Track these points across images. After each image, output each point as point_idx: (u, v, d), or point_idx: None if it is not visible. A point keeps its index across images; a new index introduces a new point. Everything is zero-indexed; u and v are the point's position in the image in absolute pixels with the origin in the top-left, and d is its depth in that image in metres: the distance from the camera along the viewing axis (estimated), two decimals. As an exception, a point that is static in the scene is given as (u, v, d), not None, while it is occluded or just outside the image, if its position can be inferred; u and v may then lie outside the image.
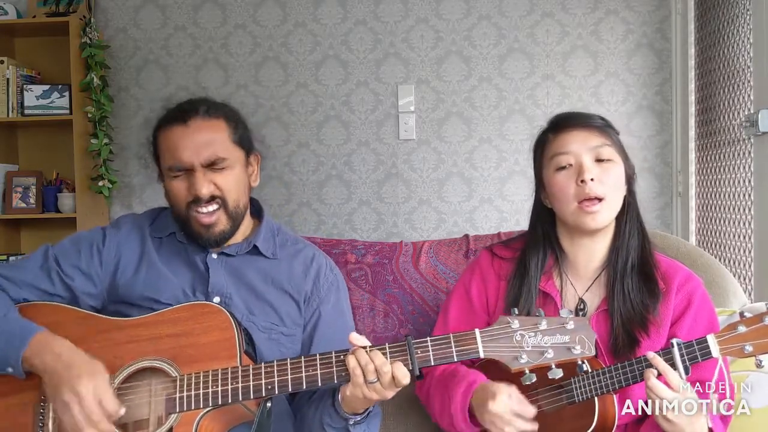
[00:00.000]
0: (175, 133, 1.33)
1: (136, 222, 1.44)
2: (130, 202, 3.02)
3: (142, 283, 1.34)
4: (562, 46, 2.84)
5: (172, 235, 1.41)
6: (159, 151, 1.38)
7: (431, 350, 1.13)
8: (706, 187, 2.55)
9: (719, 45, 2.41)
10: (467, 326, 1.42)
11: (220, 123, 1.37)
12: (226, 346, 1.19)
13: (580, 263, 1.38)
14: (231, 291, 1.36)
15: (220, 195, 1.33)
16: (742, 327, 1.14)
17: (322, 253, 1.48)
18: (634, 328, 1.29)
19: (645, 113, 2.82)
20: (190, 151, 1.31)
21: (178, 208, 1.36)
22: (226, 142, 1.35)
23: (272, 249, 1.42)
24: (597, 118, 1.37)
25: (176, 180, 1.34)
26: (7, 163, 2.96)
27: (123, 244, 1.39)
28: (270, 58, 2.94)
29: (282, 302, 1.39)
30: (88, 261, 1.35)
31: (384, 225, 2.94)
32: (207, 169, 1.32)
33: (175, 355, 1.19)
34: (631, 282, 1.33)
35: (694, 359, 1.16)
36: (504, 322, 1.11)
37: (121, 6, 2.98)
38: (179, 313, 1.23)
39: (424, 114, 2.90)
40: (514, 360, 1.09)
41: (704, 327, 1.31)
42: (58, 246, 1.37)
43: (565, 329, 1.09)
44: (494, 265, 1.44)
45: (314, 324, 1.40)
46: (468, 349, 1.11)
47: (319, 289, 1.42)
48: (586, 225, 1.31)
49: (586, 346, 1.08)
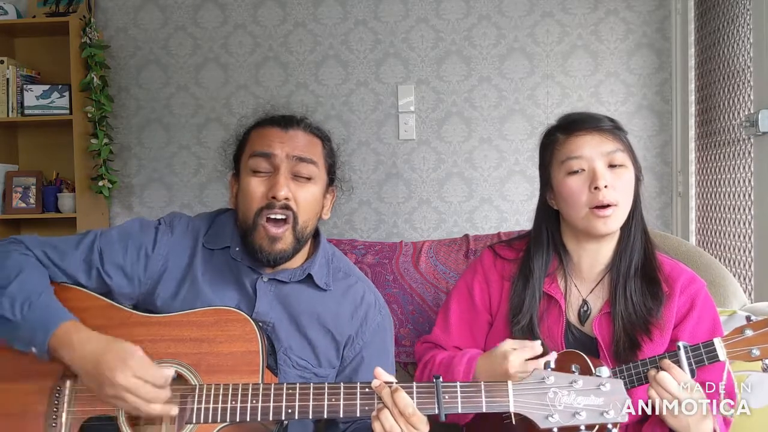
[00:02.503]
0: (272, 132, 1.31)
1: (192, 227, 1.37)
2: (130, 202, 3.02)
3: (180, 301, 1.30)
4: (562, 46, 2.84)
5: (226, 249, 1.34)
6: (245, 146, 1.33)
7: (460, 396, 1.08)
8: (706, 187, 2.55)
9: (719, 45, 2.41)
10: (469, 326, 1.43)
11: (317, 141, 1.35)
12: (249, 360, 1.17)
13: (584, 266, 1.37)
14: (274, 320, 1.31)
15: (294, 208, 1.27)
16: (749, 331, 1.14)
17: (373, 290, 1.43)
18: (637, 332, 1.29)
19: (645, 113, 2.82)
20: (282, 144, 1.29)
21: (248, 213, 1.28)
22: (319, 157, 1.33)
23: (325, 279, 1.36)
24: (607, 120, 1.34)
25: (255, 178, 1.28)
26: (7, 163, 2.96)
27: (172, 252, 1.32)
28: (270, 58, 2.94)
29: (323, 342, 1.34)
30: (134, 263, 1.30)
31: (384, 225, 2.94)
32: (291, 177, 1.28)
33: (196, 361, 1.17)
34: (634, 285, 1.32)
35: (701, 362, 1.16)
36: (538, 377, 1.07)
37: (121, 6, 2.98)
38: (205, 316, 1.20)
39: (424, 114, 2.90)
40: (545, 419, 1.05)
41: (707, 329, 1.31)
42: (106, 237, 1.31)
43: (600, 391, 1.05)
44: (497, 265, 1.43)
45: (355, 367, 1.36)
46: (498, 401, 1.06)
47: (365, 332, 1.37)
48: (597, 230, 1.29)
49: (618, 413, 1.04)
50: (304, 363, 1.32)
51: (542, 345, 1.19)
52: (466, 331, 1.43)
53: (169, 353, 1.18)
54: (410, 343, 1.79)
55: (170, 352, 1.18)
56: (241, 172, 1.32)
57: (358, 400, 1.10)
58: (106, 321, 1.21)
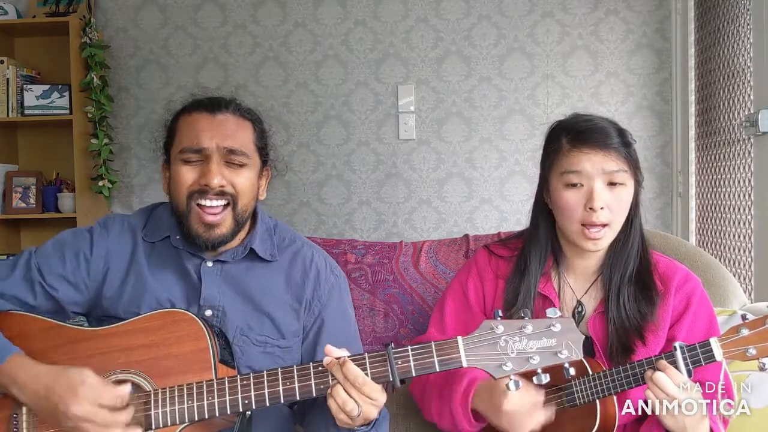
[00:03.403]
0: (200, 119, 1.28)
1: (128, 224, 1.36)
2: (130, 202, 3.02)
3: (127, 296, 1.28)
4: (562, 46, 2.84)
5: (167, 239, 1.33)
6: (175, 135, 1.31)
7: (412, 360, 1.08)
8: (706, 187, 2.55)
9: (719, 45, 2.41)
10: (464, 325, 1.42)
11: (247, 124, 1.33)
12: (200, 358, 1.15)
13: (578, 267, 1.37)
14: (225, 303, 1.30)
15: (233, 193, 1.26)
16: (745, 330, 1.14)
17: (321, 252, 1.42)
18: (630, 337, 1.29)
19: (645, 113, 2.82)
20: (211, 135, 1.26)
21: (179, 198, 1.27)
22: (250, 144, 1.31)
23: (270, 250, 1.35)
24: (615, 135, 1.29)
25: (186, 166, 1.27)
26: (7, 163, 2.96)
27: (112, 250, 1.31)
28: (270, 58, 2.94)
29: (281, 312, 1.33)
30: (74, 270, 1.28)
31: (384, 225, 2.94)
32: (224, 163, 1.26)
33: (148, 367, 1.15)
34: (627, 292, 1.32)
35: (697, 362, 1.16)
36: (487, 327, 1.06)
37: (121, 6, 2.98)
38: (150, 321, 1.19)
39: (424, 114, 2.90)
40: (498, 368, 1.04)
41: (703, 327, 1.31)
42: (41, 252, 1.29)
43: (552, 332, 1.04)
44: (492, 263, 1.43)
45: (317, 330, 1.35)
46: (450, 358, 1.06)
47: (321, 295, 1.36)
48: (587, 248, 1.30)
49: (572, 351, 1.03)
50: (264, 338, 1.31)
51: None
52: (461, 330, 1.42)
53: (120, 363, 1.17)
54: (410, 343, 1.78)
55: (121, 362, 1.17)
56: (172, 161, 1.30)
57: (312, 380, 1.10)
58: (53, 342, 1.20)
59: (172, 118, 1.34)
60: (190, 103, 1.33)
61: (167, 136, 1.34)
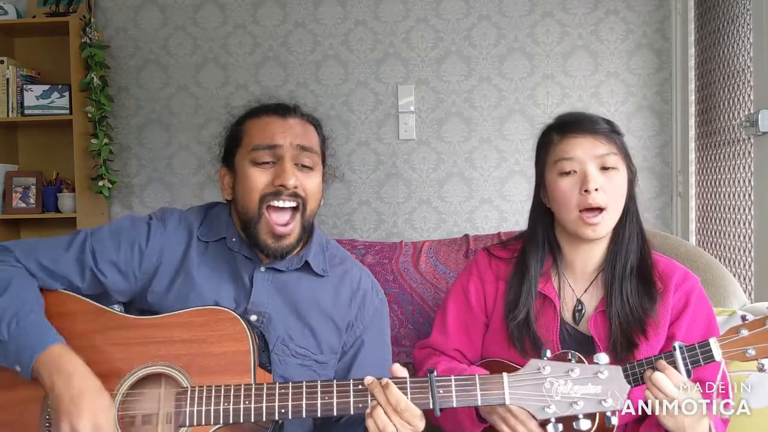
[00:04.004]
0: (271, 121, 1.29)
1: (185, 220, 1.34)
2: (130, 202, 3.02)
3: (174, 294, 1.28)
4: (562, 46, 2.84)
5: (222, 240, 1.32)
6: (242, 137, 1.30)
7: (454, 391, 1.07)
8: (706, 187, 2.55)
9: (719, 45, 2.41)
10: (466, 328, 1.43)
11: (313, 129, 1.34)
12: (240, 360, 1.15)
13: (577, 265, 1.38)
14: (271, 311, 1.29)
15: (303, 196, 1.26)
16: (745, 331, 1.14)
17: (368, 274, 1.43)
18: (633, 331, 1.29)
19: (645, 113, 2.82)
20: (284, 134, 1.27)
21: (250, 203, 1.26)
22: (317, 145, 1.32)
23: (323, 265, 1.35)
24: (603, 122, 1.33)
25: (257, 168, 1.26)
26: (7, 163, 2.96)
27: (166, 246, 1.30)
28: (270, 58, 2.94)
29: (323, 327, 1.33)
30: (128, 259, 1.28)
31: (384, 225, 2.94)
32: (295, 166, 1.26)
33: (187, 363, 1.15)
34: (629, 286, 1.32)
35: (696, 363, 1.16)
36: (534, 367, 1.05)
37: (121, 6, 2.98)
38: (194, 317, 1.19)
39: (424, 114, 2.90)
40: (541, 410, 1.03)
41: (702, 325, 1.32)
42: (97, 235, 1.28)
43: (598, 379, 1.03)
44: (492, 265, 1.44)
45: (355, 351, 1.35)
46: (494, 394, 1.05)
47: (364, 317, 1.36)
48: (586, 236, 1.30)
49: (617, 401, 1.02)
50: (304, 351, 1.31)
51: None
52: (464, 334, 1.44)
53: (159, 355, 1.17)
54: (410, 343, 1.78)
55: (160, 354, 1.17)
56: (240, 165, 1.29)
57: (351, 398, 1.09)
58: (95, 325, 1.20)
59: (237, 123, 1.34)
60: (257, 108, 1.35)
61: (231, 141, 1.33)
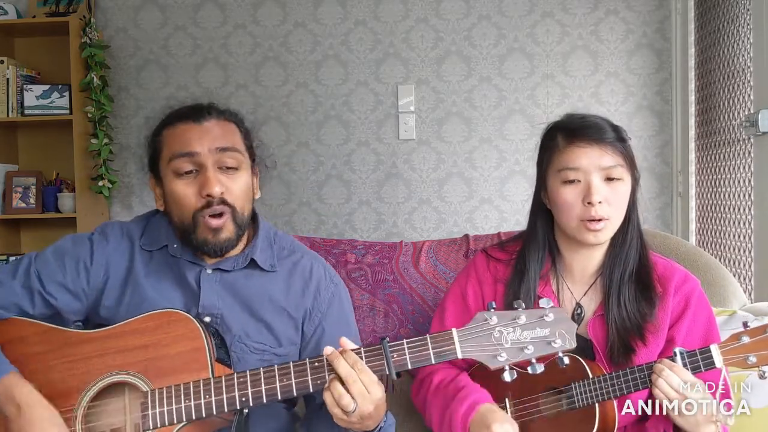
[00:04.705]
0: (187, 129, 1.26)
1: (126, 232, 1.34)
2: (130, 202, 3.02)
3: (125, 306, 1.27)
4: (562, 46, 2.84)
5: (165, 248, 1.32)
6: (161, 148, 1.29)
7: (408, 353, 1.08)
8: (706, 187, 2.55)
9: (719, 45, 2.41)
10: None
11: (232, 126, 1.31)
12: (197, 357, 1.15)
13: (576, 269, 1.37)
14: (223, 310, 1.29)
15: (230, 200, 1.25)
16: (746, 338, 1.14)
17: (320, 261, 1.41)
18: (631, 337, 1.29)
19: (645, 113, 2.82)
20: (200, 140, 1.24)
21: (184, 216, 1.26)
22: (239, 143, 1.30)
23: (270, 260, 1.34)
24: (610, 130, 1.30)
25: (181, 182, 1.25)
26: (7, 163, 2.96)
27: (111, 260, 1.30)
28: (270, 58, 2.94)
29: (279, 321, 1.32)
30: (75, 279, 1.28)
31: (384, 225, 2.94)
32: (218, 170, 1.25)
33: (145, 368, 1.15)
34: (627, 291, 1.31)
35: (697, 369, 1.16)
36: (481, 318, 1.07)
37: (121, 6, 2.98)
38: (146, 322, 1.19)
39: (424, 114, 2.90)
40: (493, 358, 1.05)
41: (702, 328, 1.31)
42: (42, 259, 1.28)
43: (545, 322, 1.05)
44: (490, 267, 1.43)
45: (317, 340, 1.34)
46: (446, 350, 1.07)
47: (321, 304, 1.36)
48: (587, 241, 1.29)
49: (566, 340, 1.04)
50: (262, 346, 1.31)
51: None
52: None
53: (117, 365, 1.16)
54: (410, 343, 1.78)
55: (117, 364, 1.16)
56: (164, 176, 1.28)
57: (309, 376, 1.10)
58: (49, 345, 1.20)
59: (154, 133, 1.31)
60: (170, 115, 1.31)
61: (152, 152, 1.32)
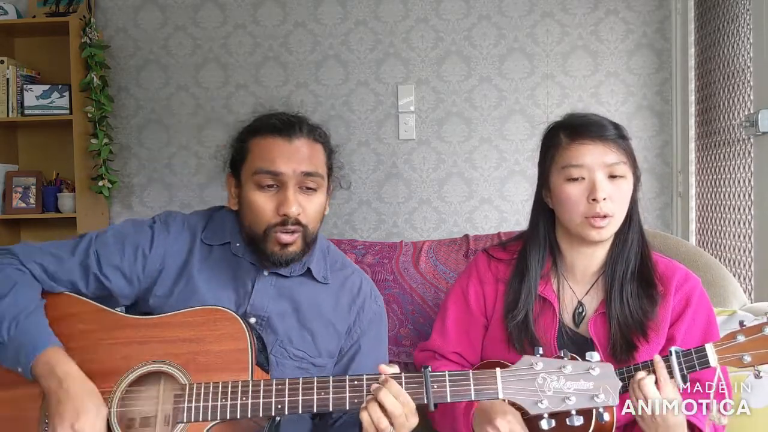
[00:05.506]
0: (276, 145, 1.27)
1: (188, 223, 1.36)
2: (130, 202, 3.02)
3: (176, 298, 1.29)
4: (562, 46, 2.84)
5: (227, 245, 1.34)
6: (246, 155, 1.30)
7: (448, 386, 1.09)
8: (706, 187, 2.55)
9: (719, 45, 2.41)
10: (465, 330, 1.43)
11: (320, 147, 1.33)
12: (239, 357, 1.17)
13: (578, 267, 1.37)
14: (271, 314, 1.31)
15: (304, 221, 1.27)
16: (741, 336, 1.14)
17: (368, 280, 1.45)
18: (633, 334, 1.29)
19: (645, 113, 2.82)
20: (288, 161, 1.26)
21: (257, 226, 1.27)
22: (323, 166, 1.32)
23: (323, 272, 1.38)
24: (612, 128, 1.31)
25: (262, 194, 1.27)
26: (7, 163, 2.96)
27: (169, 251, 1.32)
28: (270, 58, 2.94)
29: (324, 333, 1.35)
30: (131, 264, 1.29)
31: (384, 225, 2.94)
32: (298, 189, 1.27)
33: (186, 361, 1.17)
34: (630, 289, 1.32)
35: (692, 368, 1.16)
36: (527, 363, 1.07)
37: (121, 6, 2.98)
38: (194, 316, 1.21)
39: (424, 114, 2.90)
40: (534, 405, 1.05)
41: (701, 327, 1.32)
42: (101, 240, 1.30)
43: (590, 375, 1.05)
44: (491, 267, 1.43)
45: (352, 356, 1.37)
46: (487, 389, 1.07)
47: (362, 322, 1.39)
48: (591, 238, 1.30)
49: (609, 396, 1.04)
50: (302, 354, 1.33)
51: None
52: (464, 336, 1.44)
53: (159, 354, 1.18)
54: (410, 343, 1.79)
55: (160, 353, 1.18)
56: (244, 183, 1.30)
57: (347, 393, 1.11)
58: (96, 325, 1.22)
59: (242, 137, 1.33)
60: (262, 125, 1.32)
61: (237, 153, 1.33)
